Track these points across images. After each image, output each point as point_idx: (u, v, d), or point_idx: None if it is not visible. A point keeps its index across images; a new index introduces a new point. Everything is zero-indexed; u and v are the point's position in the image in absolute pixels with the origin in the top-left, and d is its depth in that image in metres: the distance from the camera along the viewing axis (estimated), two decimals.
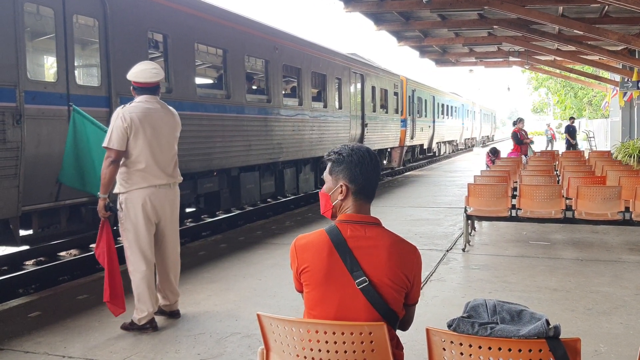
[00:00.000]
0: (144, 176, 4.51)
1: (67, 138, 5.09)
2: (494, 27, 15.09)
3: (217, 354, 4.08)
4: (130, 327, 4.54)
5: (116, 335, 4.46)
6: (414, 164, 25.21)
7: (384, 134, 18.57)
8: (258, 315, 2.24)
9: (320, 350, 2.11)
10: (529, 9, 12.16)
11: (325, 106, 13.43)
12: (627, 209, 7.12)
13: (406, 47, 19.37)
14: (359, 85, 15.96)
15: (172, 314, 4.85)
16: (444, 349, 2.02)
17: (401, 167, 22.38)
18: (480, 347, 1.95)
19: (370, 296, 2.19)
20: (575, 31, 14.22)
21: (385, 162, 19.78)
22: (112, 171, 4.42)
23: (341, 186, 2.34)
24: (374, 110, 17.39)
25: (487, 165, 13.49)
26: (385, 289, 2.21)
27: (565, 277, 5.92)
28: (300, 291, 2.37)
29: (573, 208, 7.29)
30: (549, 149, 26.55)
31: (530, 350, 1.91)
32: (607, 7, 12.58)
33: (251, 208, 12.38)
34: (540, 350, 1.91)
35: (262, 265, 6.69)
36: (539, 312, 2.07)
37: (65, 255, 8.45)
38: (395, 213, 10.50)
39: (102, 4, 6.71)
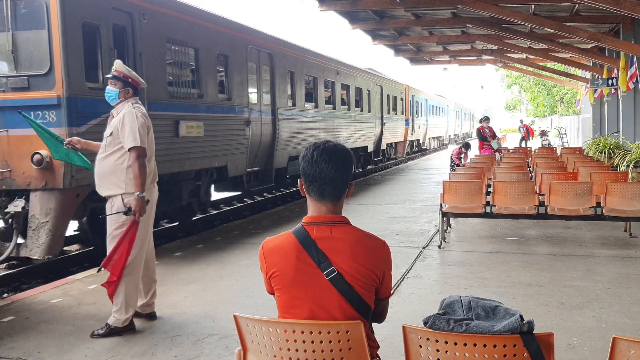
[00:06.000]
0: (154, 173, 4.68)
1: (40, 137, 5.05)
2: (467, 25, 15.26)
3: (194, 355, 4.05)
4: (109, 330, 4.47)
5: (91, 339, 4.40)
6: (412, 155, 29.49)
7: (395, 131, 23.76)
8: (235, 317, 2.22)
9: (297, 350, 2.11)
10: (501, 7, 12.31)
11: (361, 110, 18.64)
12: (598, 204, 7.26)
13: (381, 46, 19.50)
14: (379, 94, 20.96)
15: (149, 316, 4.81)
16: (420, 346, 2.04)
17: (404, 157, 27.12)
18: (455, 344, 1.98)
19: (340, 286, 2.16)
20: (546, 29, 14.45)
21: (392, 153, 24.67)
22: (146, 168, 4.46)
23: (300, 183, 2.30)
24: (389, 113, 22.29)
25: (454, 161, 13.93)
26: (354, 281, 2.18)
27: (539, 272, 6.01)
28: (272, 293, 2.32)
29: (546, 204, 7.40)
30: (522, 145, 27.02)
31: (504, 346, 1.94)
32: (577, 5, 12.81)
33: (228, 208, 12.34)
34: (514, 346, 1.94)
35: (239, 266, 6.66)
36: (514, 307, 2.10)
37: (39, 258, 8.27)
38: (372, 211, 10.55)
39: (270, 58, 11.61)
